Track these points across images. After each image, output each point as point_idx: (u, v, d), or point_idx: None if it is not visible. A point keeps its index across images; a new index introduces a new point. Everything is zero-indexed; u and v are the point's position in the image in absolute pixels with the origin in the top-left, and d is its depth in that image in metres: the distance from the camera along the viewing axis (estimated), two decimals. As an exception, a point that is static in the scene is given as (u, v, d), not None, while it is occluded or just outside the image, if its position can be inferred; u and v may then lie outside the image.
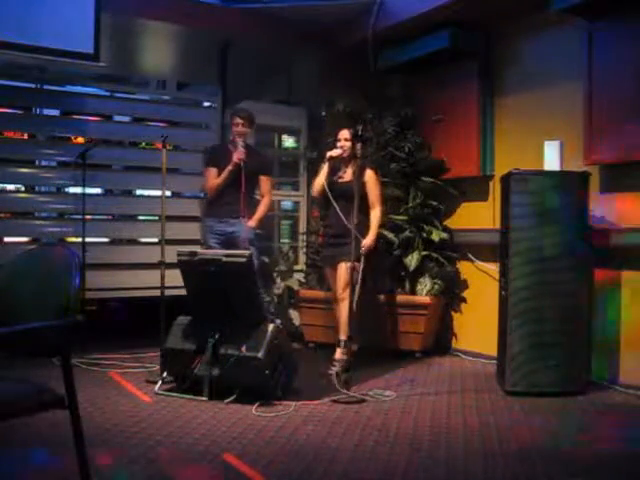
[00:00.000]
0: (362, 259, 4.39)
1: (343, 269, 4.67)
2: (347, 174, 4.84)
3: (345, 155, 4.78)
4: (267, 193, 5.14)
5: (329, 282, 5.05)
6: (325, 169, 4.80)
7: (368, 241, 4.60)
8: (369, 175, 4.73)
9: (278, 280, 6.10)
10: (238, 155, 4.90)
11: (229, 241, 4.98)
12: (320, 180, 4.80)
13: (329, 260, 4.92)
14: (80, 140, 6.58)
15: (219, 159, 5.05)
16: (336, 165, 4.84)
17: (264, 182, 5.12)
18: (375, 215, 4.75)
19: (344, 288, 4.64)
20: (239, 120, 4.98)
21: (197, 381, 3.95)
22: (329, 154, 4.75)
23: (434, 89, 5.73)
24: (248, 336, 3.91)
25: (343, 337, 4.56)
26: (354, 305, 4.20)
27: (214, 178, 5.03)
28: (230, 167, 4.92)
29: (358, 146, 4.42)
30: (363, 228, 4.55)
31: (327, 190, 4.68)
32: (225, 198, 4.98)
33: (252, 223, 5.00)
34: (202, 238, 5.36)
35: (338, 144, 4.79)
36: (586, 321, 4.27)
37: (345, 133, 4.79)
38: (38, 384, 2.20)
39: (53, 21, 4.87)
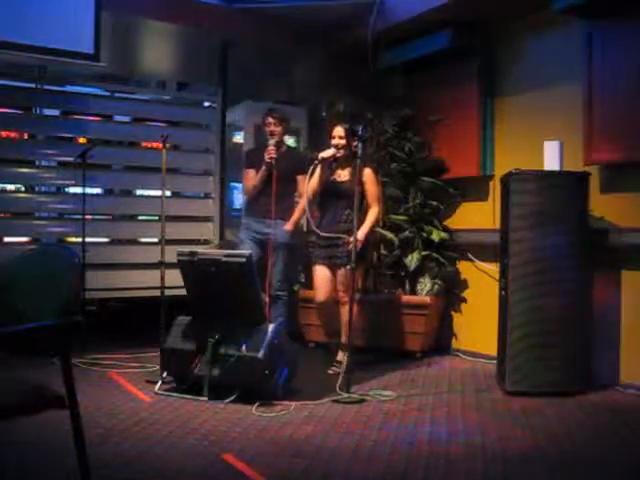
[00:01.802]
0: (353, 258, 4.16)
1: (343, 273, 4.63)
2: (344, 173, 4.75)
3: (340, 155, 4.64)
4: (304, 193, 4.96)
5: (315, 280, 4.80)
6: (318, 171, 4.64)
7: (353, 238, 4.30)
8: (367, 174, 4.62)
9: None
10: (268, 154, 4.89)
11: (264, 241, 4.98)
12: (313, 183, 4.67)
13: (322, 260, 4.77)
14: (81, 140, 6.57)
15: (256, 160, 5.05)
16: (332, 164, 4.74)
17: (301, 182, 5.00)
18: (371, 214, 4.65)
19: (345, 291, 4.62)
20: (270, 119, 4.99)
21: (197, 381, 3.95)
22: (320, 156, 4.59)
23: (434, 89, 5.72)
24: (248, 336, 3.91)
25: (345, 339, 4.56)
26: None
27: (252, 179, 5.07)
28: (264, 167, 4.93)
29: (359, 145, 4.37)
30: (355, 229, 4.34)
31: (322, 190, 4.67)
32: (261, 199, 5.00)
33: (288, 227, 4.98)
34: (237, 235, 5.38)
35: (332, 142, 4.65)
36: (586, 321, 4.26)
37: (340, 131, 4.64)
38: (38, 384, 2.20)
39: (53, 21, 4.87)
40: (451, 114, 5.54)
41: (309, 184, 4.68)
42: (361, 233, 4.44)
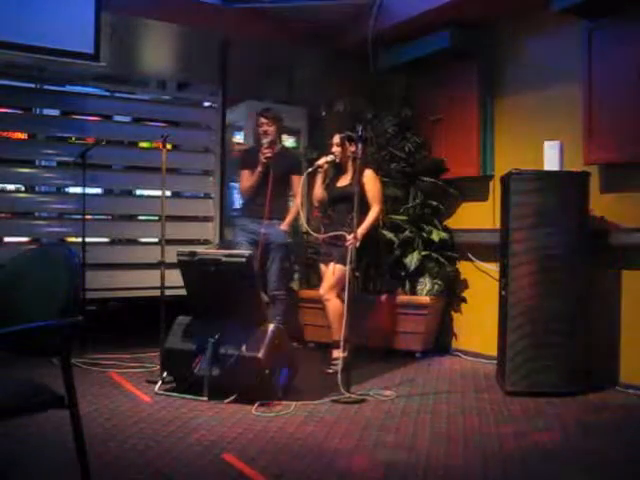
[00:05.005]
0: (350, 256, 4.21)
1: (331, 270, 4.69)
2: (346, 177, 4.88)
3: (338, 160, 4.82)
4: (298, 193, 5.03)
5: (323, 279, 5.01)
6: (319, 179, 4.85)
7: (352, 237, 4.35)
8: (367, 175, 4.74)
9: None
10: (263, 154, 4.88)
11: (260, 242, 4.94)
12: (317, 192, 4.95)
13: (325, 258, 4.92)
14: (81, 140, 6.57)
15: (251, 161, 5.04)
16: (333, 170, 4.88)
17: (295, 182, 5.04)
18: (371, 213, 4.72)
19: (327, 290, 4.72)
20: (262, 120, 4.99)
21: (197, 381, 3.95)
22: (316, 163, 4.79)
23: (434, 89, 5.72)
24: (248, 336, 3.91)
25: (337, 337, 4.57)
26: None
27: (247, 180, 5.07)
28: (259, 168, 4.92)
29: (359, 147, 4.38)
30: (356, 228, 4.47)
31: (326, 196, 4.83)
32: (257, 199, 4.99)
33: (284, 227, 5.00)
34: (233, 237, 5.35)
35: (331, 150, 4.84)
36: (586, 321, 4.26)
37: (335, 138, 4.85)
38: (38, 384, 2.20)
39: (53, 21, 4.87)
40: (451, 114, 5.54)
41: (314, 193, 4.99)
42: (359, 231, 4.46)
